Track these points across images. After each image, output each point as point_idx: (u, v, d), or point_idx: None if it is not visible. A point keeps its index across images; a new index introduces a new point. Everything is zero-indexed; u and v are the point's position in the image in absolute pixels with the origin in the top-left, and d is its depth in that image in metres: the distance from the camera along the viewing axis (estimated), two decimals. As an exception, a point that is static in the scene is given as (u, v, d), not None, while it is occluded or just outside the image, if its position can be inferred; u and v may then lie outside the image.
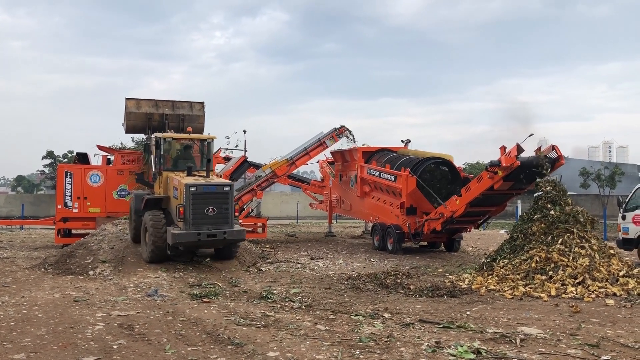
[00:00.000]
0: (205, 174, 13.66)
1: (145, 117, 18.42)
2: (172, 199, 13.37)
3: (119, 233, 15.07)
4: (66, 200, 19.01)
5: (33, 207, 39.13)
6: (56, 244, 19.27)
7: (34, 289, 10.72)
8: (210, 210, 12.44)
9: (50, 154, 51.91)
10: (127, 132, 18.64)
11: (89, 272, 12.51)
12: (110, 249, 13.73)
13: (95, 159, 21.09)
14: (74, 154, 25.10)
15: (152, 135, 14.81)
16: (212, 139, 14.79)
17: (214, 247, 13.71)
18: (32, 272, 12.96)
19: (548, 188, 13.15)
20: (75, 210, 19.08)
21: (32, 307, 9.05)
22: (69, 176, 19.10)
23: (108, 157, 20.81)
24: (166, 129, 18.30)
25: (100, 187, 19.35)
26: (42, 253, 16.84)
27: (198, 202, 12.35)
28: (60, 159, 50.01)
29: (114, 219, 17.61)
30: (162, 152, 14.37)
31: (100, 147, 20.93)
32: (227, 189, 12.81)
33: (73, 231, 19.76)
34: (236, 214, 13.25)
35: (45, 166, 54.17)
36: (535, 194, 13.43)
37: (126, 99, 18.68)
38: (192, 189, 12.30)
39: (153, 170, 15.19)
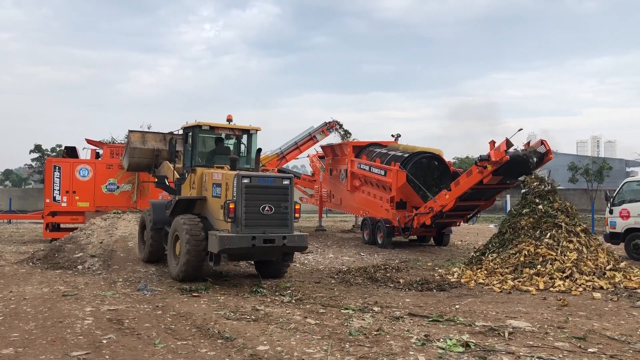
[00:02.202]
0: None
1: (151, 154, 15.36)
2: (210, 199, 11.05)
3: (108, 227, 14.99)
4: (55, 195, 18.91)
5: (21, 201, 38.87)
6: (44, 239, 19.18)
7: (22, 284, 10.65)
8: (267, 208, 10.11)
9: (38, 148, 51.58)
10: (128, 169, 16.13)
11: (78, 267, 12.45)
12: (99, 243, 13.67)
13: (84, 153, 21.05)
14: (63, 148, 24.94)
15: (181, 127, 12.43)
16: (256, 131, 12.15)
17: (267, 257, 11.06)
18: (20, 267, 12.86)
19: (535, 184, 13.26)
20: (63, 205, 18.99)
21: (20, 301, 8.99)
22: (57, 170, 18.99)
23: (97, 151, 20.73)
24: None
25: (89, 181, 19.25)
26: (31, 247, 16.72)
27: (252, 198, 10.06)
28: (49, 152, 49.71)
29: (103, 213, 17.52)
30: (195, 146, 11.86)
31: (89, 141, 20.86)
32: (286, 182, 10.46)
33: (62, 225, 19.66)
34: (297, 215, 10.71)
35: (33, 160, 53.86)
36: (523, 191, 13.54)
37: (129, 131, 15.90)
38: (245, 180, 10.04)
39: (181, 167, 12.79)
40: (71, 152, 21.06)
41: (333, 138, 23.19)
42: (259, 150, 11.80)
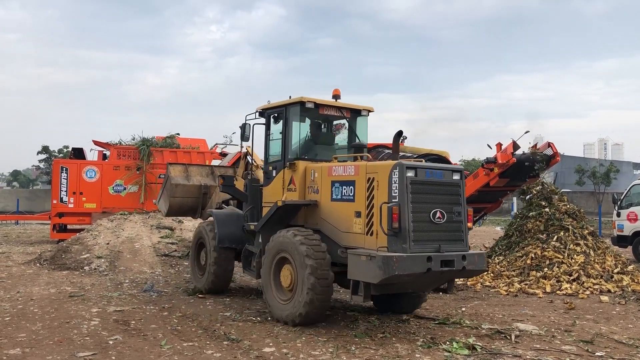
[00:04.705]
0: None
1: (198, 192, 12.20)
2: (328, 204, 7.93)
3: (114, 228, 15.03)
4: (62, 196, 18.99)
5: (28, 202, 39.06)
6: (52, 239, 19.26)
7: (29, 284, 10.70)
8: (438, 215, 7.05)
9: (45, 149, 51.87)
10: (169, 214, 12.77)
11: (85, 268, 12.49)
12: (106, 244, 13.70)
13: (91, 154, 21.12)
14: (70, 149, 25.06)
15: (259, 108, 9.31)
16: (369, 112, 9.17)
17: (432, 286, 7.97)
18: (28, 268, 12.92)
19: (538, 188, 13.25)
20: (70, 206, 19.06)
21: (27, 302, 9.03)
22: (64, 171, 19.07)
23: (104, 152, 20.80)
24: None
25: (96, 183, 19.32)
26: (38, 248, 16.80)
27: (420, 200, 6.98)
28: (56, 154, 49.98)
29: (110, 214, 17.57)
30: (292, 131, 8.72)
31: (96, 142, 20.91)
32: (457, 178, 7.44)
33: (68, 226, 19.73)
34: (470, 225, 7.58)
35: (40, 161, 54.17)
36: (527, 197, 13.52)
37: (169, 164, 12.83)
38: (410, 173, 6.92)
39: (252, 164, 10.28)
40: (78, 153, 21.14)
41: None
42: (400, 133, 8.07)
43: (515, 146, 14.22)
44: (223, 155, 22.02)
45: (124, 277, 11.70)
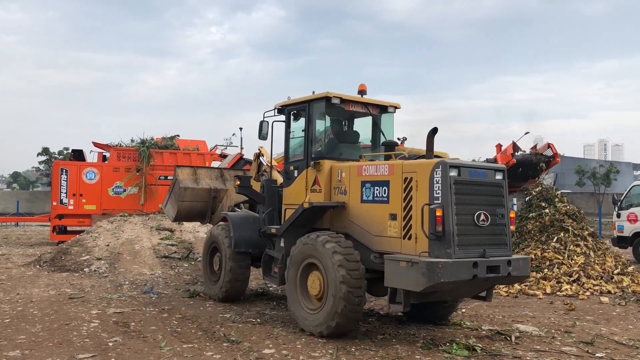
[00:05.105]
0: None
1: (207, 196, 11.48)
2: (357, 206, 7.46)
3: (114, 230, 15.02)
4: (61, 197, 18.98)
5: (28, 204, 39.04)
6: (51, 241, 19.25)
7: (29, 286, 10.69)
8: (482, 217, 6.62)
9: (45, 151, 51.83)
10: (176, 219, 12.05)
11: (85, 269, 12.49)
12: (106, 246, 13.70)
13: (91, 156, 21.11)
14: (70, 151, 25.07)
15: (277, 105, 8.86)
16: (395, 108, 8.75)
17: (476, 291, 7.22)
18: (27, 269, 12.92)
19: (538, 189, 13.26)
20: (70, 207, 19.05)
21: (27, 304, 9.03)
22: (64, 173, 19.06)
23: (104, 154, 20.79)
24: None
25: (96, 184, 19.31)
26: (38, 250, 16.79)
27: (463, 201, 6.53)
28: (56, 155, 49.94)
29: (110, 216, 17.55)
30: (315, 129, 8.30)
31: (95, 144, 20.92)
32: (499, 178, 6.98)
33: (68, 228, 19.72)
34: (512, 227, 7.25)
35: (40, 163, 54.13)
36: (527, 198, 13.54)
37: (176, 166, 12.15)
38: (453, 172, 6.49)
39: (270, 164, 9.73)
40: (78, 155, 21.14)
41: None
42: (435, 130, 7.13)
43: (515, 147, 14.26)
44: (223, 156, 22.02)
45: (123, 278, 11.69)
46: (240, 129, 26.45)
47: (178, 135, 22.20)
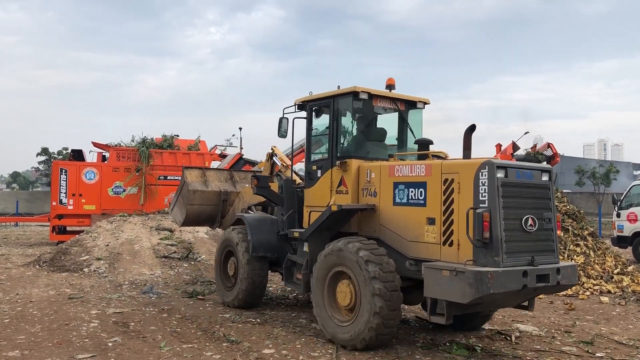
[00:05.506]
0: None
1: (217, 199, 10.88)
2: (389, 209, 6.98)
3: (114, 230, 15.01)
4: (61, 197, 18.96)
5: (28, 204, 38.99)
6: (51, 241, 19.23)
7: (28, 286, 10.68)
8: (530, 222, 6.14)
9: (45, 151, 51.85)
10: (185, 224, 11.32)
11: (84, 270, 12.47)
12: (105, 246, 13.69)
13: (91, 156, 21.08)
14: (69, 151, 25.05)
15: (297, 101, 8.38)
16: (425, 104, 8.30)
17: (520, 301, 6.66)
18: (27, 270, 12.90)
19: None
20: (70, 208, 19.03)
21: (26, 304, 9.02)
22: (63, 173, 19.04)
23: (103, 154, 20.78)
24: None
25: (96, 184, 19.29)
26: (37, 250, 16.77)
27: (511, 204, 6.06)
28: (55, 155, 49.93)
29: (109, 216, 17.54)
30: (341, 126, 7.91)
31: (95, 144, 20.91)
32: (546, 178, 6.56)
33: (68, 228, 19.71)
34: (559, 232, 6.76)
35: (40, 163, 54.15)
36: None
37: (184, 168, 11.39)
38: (500, 174, 6.02)
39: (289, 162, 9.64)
40: (78, 155, 21.12)
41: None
42: (473, 128, 6.89)
43: (515, 147, 14.27)
44: (222, 156, 22.01)
45: (123, 278, 11.68)
46: (240, 128, 26.44)
47: (177, 135, 22.19)
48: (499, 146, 14.66)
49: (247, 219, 8.90)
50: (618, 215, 16.38)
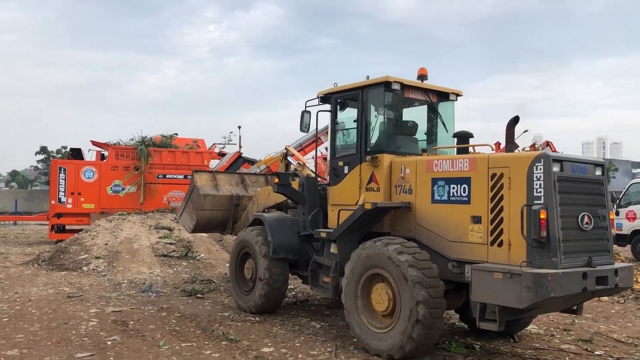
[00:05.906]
0: None
1: (229, 204, 10.41)
2: (427, 207, 6.54)
3: (113, 229, 15.01)
4: (60, 196, 18.96)
5: (27, 202, 38.95)
6: (50, 240, 19.23)
7: (27, 285, 10.68)
8: (586, 220, 5.74)
9: (43, 150, 51.84)
10: (195, 230, 10.80)
11: (83, 268, 12.47)
12: (104, 244, 13.69)
13: (89, 155, 21.09)
14: (68, 150, 25.04)
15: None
16: (457, 96, 7.89)
17: (571, 304, 6.23)
18: (26, 268, 12.90)
19: None
20: (69, 206, 19.03)
21: (25, 303, 9.01)
22: (62, 172, 19.04)
23: (102, 152, 20.78)
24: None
25: (94, 183, 19.29)
26: (36, 249, 16.77)
27: (567, 201, 5.64)
28: (54, 154, 49.91)
29: (108, 214, 17.54)
30: (370, 118, 7.42)
31: (94, 143, 20.90)
32: (599, 173, 6.13)
33: (67, 227, 19.70)
34: (613, 230, 6.44)
35: (39, 162, 54.14)
36: None
37: (194, 171, 10.90)
38: (556, 168, 5.60)
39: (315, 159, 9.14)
40: (76, 153, 21.12)
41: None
42: (516, 120, 6.40)
43: (514, 145, 14.26)
44: (221, 155, 22.00)
45: (122, 277, 11.67)
46: (239, 127, 26.49)
47: (176, 134, 22.19)
48: (497, 144, 14.65)
49: (267, 219, 8.44)
50: (617, 214, 16.37)
